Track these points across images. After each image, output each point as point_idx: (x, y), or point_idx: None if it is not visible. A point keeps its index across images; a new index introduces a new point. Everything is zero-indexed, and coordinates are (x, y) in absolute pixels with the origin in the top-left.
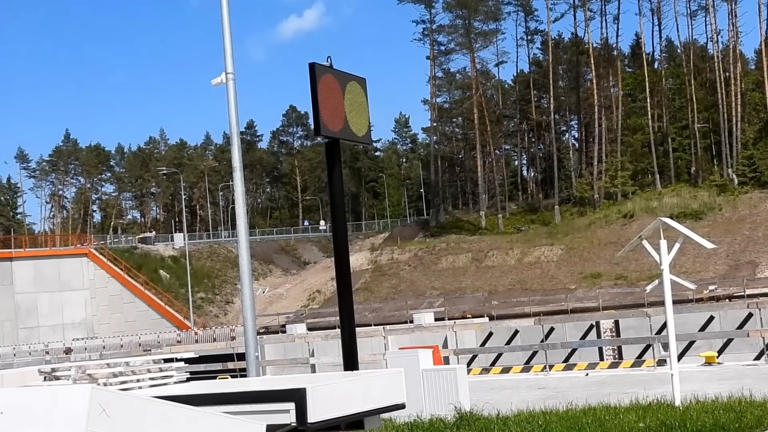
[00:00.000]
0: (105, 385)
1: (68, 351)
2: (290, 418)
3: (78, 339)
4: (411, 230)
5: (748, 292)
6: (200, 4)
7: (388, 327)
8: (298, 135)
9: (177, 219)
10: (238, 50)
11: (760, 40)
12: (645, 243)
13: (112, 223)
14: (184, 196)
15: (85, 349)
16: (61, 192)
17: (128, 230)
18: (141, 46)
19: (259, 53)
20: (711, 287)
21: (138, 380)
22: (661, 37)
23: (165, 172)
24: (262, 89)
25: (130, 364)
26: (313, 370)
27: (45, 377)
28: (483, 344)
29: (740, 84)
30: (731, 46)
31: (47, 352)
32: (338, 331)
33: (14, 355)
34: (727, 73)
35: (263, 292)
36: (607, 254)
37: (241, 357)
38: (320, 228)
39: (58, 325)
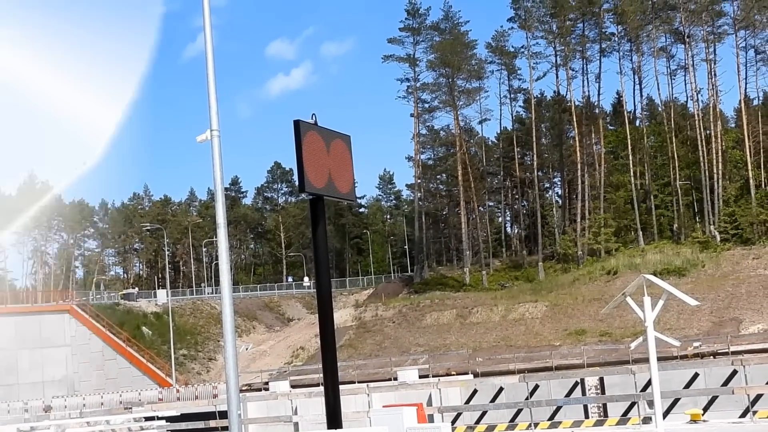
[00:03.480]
0: None
1: (48, 409)
2: None
3: (58, 396)
4: (395, 286)
5: (733, 348)
6: (187, 62)
7: (372, 384)
8: (282, 191)
9: (160, 275)
10: (224, 107)
11: (740, 99)
12: (629, 300)
13: (95, 279)
14: (167, 253)
15: (65, 407)
16: (43, 248)
17: (111, 286)
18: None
19: (246, 110)
20: (695, 344)
21: None
22: (642, 96)
23: (149, 228)
24: (247, 146)
25: (111, 422)
26: (296, 429)
27: None
28: (467, 402)
29: (721, 142)
30: (711, 105)
31: (26, 411)
32: (322, 388)
33: None
34: (708, 131)
35: (246, 349)
36: (591, 311)
37: (224, 415)
38: (304, 284)
39: (38, 382)
